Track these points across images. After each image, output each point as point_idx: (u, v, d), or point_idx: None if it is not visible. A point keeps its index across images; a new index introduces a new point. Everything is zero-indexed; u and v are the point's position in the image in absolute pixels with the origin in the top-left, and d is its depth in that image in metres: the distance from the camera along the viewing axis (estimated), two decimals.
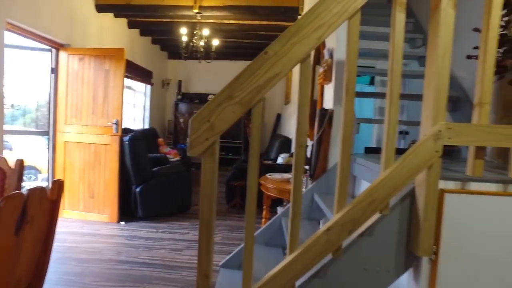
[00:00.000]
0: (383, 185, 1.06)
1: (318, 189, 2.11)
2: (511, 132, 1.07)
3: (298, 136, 1.05)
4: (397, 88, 1.07)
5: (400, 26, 1.08)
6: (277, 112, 7.65)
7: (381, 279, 1.20)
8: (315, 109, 2.39)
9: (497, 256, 1.15)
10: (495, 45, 1.07)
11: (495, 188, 1.15)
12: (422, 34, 2.85)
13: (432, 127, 1.07)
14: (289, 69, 1.04)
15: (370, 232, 1.16)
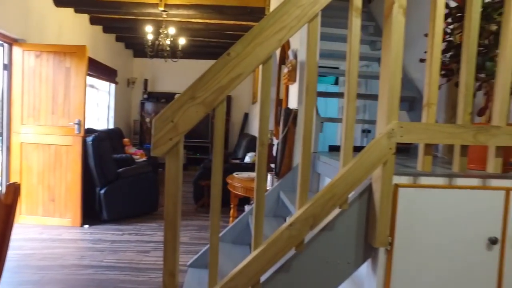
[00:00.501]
0: (342, 181, 1.12)
1: (284, 186, 2.16)
2: (454, 130, 1.16)
3: (260, 135, 1.08)
4: (354, 89, 1.13)
5: (356, 30, 1.14)
6: (244, 111, 7.68)
7: (342, 271, 1.26)
8: (281, 109, 2.44)
9: (445, 244, 1.24)
10: (440, 50, 1.16)
11: (442, 181, 1.25)
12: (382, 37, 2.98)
13: (386, 126, 1.14)
14: (251, 70, 1.07)
15: (331, 226, 1.22)
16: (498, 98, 1.23)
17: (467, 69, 1.20)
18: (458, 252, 1.25)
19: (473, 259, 1.25)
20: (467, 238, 1.25)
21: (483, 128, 1.18)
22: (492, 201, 1.25)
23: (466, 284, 1.26)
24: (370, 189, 1.22)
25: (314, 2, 1.10)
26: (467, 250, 1.25)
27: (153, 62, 7.54)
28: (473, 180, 1.27)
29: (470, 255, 1.26)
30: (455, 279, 1.26)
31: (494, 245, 1.26)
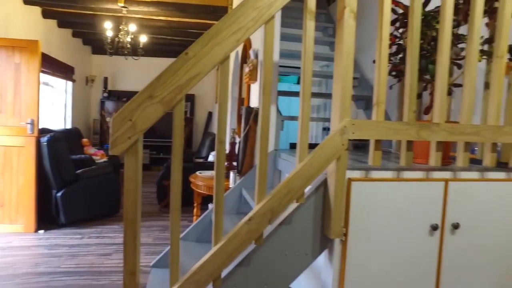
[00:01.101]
0: (298, 176, 1.17)
1: (246, 184, 2.20)
2: (400, 127, 1.26)
3: (218, 133, 1.11)
4: (309, 88, 1.19)
5: (310, 32, 1.20)
6: (208, 110, 7.65)
7: (300, 262, 1.32)
8: (243, 107, 2.48)
9: (393, 232, 1.34)
10: (387, 53, 1.25)
11: (391, 175, 1.35)
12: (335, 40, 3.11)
13: (339, 123, 1.21)
14: (209, 69, 1.10)
15: (289, 220, 1.27)
16: (437, 98, 1.34)
17: (411, 71, 1.30)
18: (405, 238, 1.36)
19: (417, 244, 1.37)
20: (412, 226, 1.36)
21: (425, 125, 1.29)
22: (433, 191, 1.37)
23: (412, 266, 1.37)
24: (325, 183, 1.29)
25: (270, 5, 1.14)
26: (412, 237, 1.36)
27: (113, 59, 7.30)
28: (417, 173, 1.38)
29: (415, 241, 1.36)
30: (403, 263, 1.36)
31: (435, 231, 1.38)
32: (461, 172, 1.43)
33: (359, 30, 2.86)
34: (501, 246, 1.48)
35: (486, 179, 1.44)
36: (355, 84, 2.95)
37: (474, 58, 1.37)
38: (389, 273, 1.36)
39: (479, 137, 1.35)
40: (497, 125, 1.39)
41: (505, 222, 1.48)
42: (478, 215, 1.43)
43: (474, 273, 1.46)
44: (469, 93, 1.37)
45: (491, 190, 1.44)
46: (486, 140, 1.36)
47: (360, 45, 2.93)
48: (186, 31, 5.86)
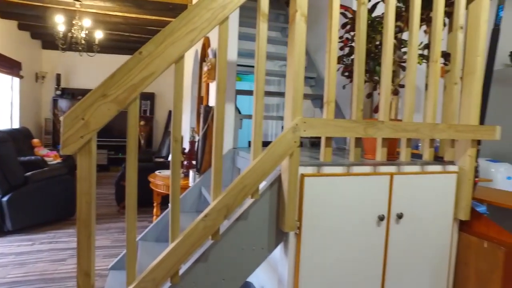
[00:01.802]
0: (252, 172, 1.22)
1: (205, 182, 2.21)
2: (349, 124, 1.34)
3: (174, 132, 1.12)
4: (262, 87, 1.23)
5: (263, 34, 1.24)
6: (169, 109, 7.52)
7: (257, 256, 1.36)
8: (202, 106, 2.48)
9: (344, 224, 1.43)
10: (336, 55, 1.33)
11: (341, 170, 1.43)
12: None
13: (291, 121, 1.27)
14: (164, 69, 1.11)
15: (245, 215, 1.31)
16: (382, 97, 1.45)
17: (358, 72, 1.39)
18: (355, 229, 1.45)
19: (367, 234, 1.47)
20: (362, 217, 1.45)
21: (371, 123, 1.39)
22: (380, 185, 1.47)
23: (362, 255, 1.47)
24: (279, 179, 1.35)
25: (224, 7, 1.17)
26: (362, 227, 1.46)
27: (66, 55, 6.95)
28: (365, 168, 1.48)
29: (365, 231, 1.46)
30: (353, 252, 1.45)
31: (382, 221, 1.49)
32: (404, 166, 1.56)
33: (316, 31, 2.97)
34: (438, 232, 1.63)
35: (425, 172, 1.57)
36: (312, 83, 3.06)
37: (414, 62, 1.49)
38: (341, 262, 1.44)
39: (419, 134, 1.47)
40: (434, 122, 1.52)
41: (442, 210, 1.63)
42: (419, 205, 1.57)
43: (416, 257, 1.59)
44: (409, 93, 1.49)
45: (429, 182, 1.58)
46: (424, 136, 1.49)
47: (317, 45, 3.05)
48: (145, 28, 5.72)
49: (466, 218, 1.66)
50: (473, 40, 1.62)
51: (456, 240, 1.70)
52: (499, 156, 3.40)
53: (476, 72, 1.60)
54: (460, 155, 1.67)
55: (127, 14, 5.02)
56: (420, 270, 1.61)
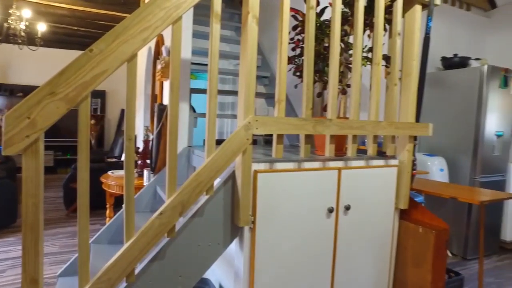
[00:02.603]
0: (207, 169, 1.25)
1: (160, 181, 2.19)
2: (299, 122, 1.42)
3: (127, 130, 1.12)
4: (215, 87, 1.27)
5: (216, 35, 1.27)
6: (121, 107, 7.25)
7: (213, 252, 1.39)
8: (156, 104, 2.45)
9: (296, 217, 1.50)
10: (286, 56, 1.39)
11: (292, 166, 1.51)
12: None
13: (244, 120, 1.31)
14: (116, 67, 1.10)
15: (201, 212, 1.34)
16: (329, 97, 1.54)
17: (307, 72, 1.47)
18: (307, 222, 1.53)
19: (317, 226, 1.56)
20: (313, 210, 1.54)
21: (320, 121, 1.47)
22: (329, 179, 1.57)
23: (314, 246, 1.56)
24: (233, 176, 1.39)
25: (178, 6, 1.19)
26: (313, 220, 1.55)
27: (3, 48, 6.42)
28: (315, 163, 1.57)
29: (316, 223, 1.55)
30: (305, 244, 1.54)
31: (331, 213, 1.59)
32: (351, 161, 1.67)
33: (270, 32, 3.05)
34: (381, 220, 1.77)
35: (370, 166, 1.70)
36: (266, 82, 3.14)
37: (359, 64, 1.60)
38: (294, 254, 1.52)
39: (363, 131, 1.59)
40: (377, 120, 1.65)
41: (384, 200, 1.77)
42: (364, 196, 1.69)
43: (362, 244, 1.72)
44: (355, 93, 1.60)
45: (373, 175, 1.71)
46: (368, 133, 1.61)
47: (271, 46, 3.12)
48: (94, 22, 5.46)
49: (405, 207, 1.82)
50: (409, 45, 1.77)
51: (397, 227, 1.86)
52: (434, 150, 3.73)
53: (412, 74, 1.76)
54: (400, 150, 1.83)
55: (73, 6, 4.76)
56: (366, 255, 1.74)
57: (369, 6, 1.76)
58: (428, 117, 3.78)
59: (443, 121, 3.66)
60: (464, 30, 4.31)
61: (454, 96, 3.58)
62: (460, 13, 4.27)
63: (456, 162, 3.52)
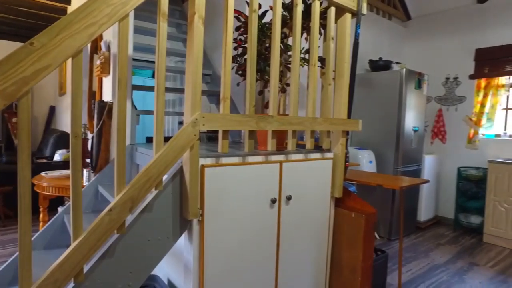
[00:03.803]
0: (156, 164, 1.28)
1: (102, 181, 2.13)
2: (243, 119, 1.51)
3: (73, 127, 1.10)
4: (163, 84, 1.30)
5: (163, 33, 1.30)
6: (49, 104, 6.70)
7: (163, 246, 1.42)
8: (94, 101, 2.36)
9: (242, 208, 1.59)
10: (230, 55, 1.47)
11: (237, 160, 1.59)
12: None
13: (191, 116, 1.36)
14: (61, 62, 1.07)
15: (150, 207, 1.36)
16: (271, 95, 1.65)
17: (250, 71, 1.56)
18: (252, 212, 1.63)
19: (262, 216, 1.66)
20: (257, 201, 1.64)
21: (262, 117, 1.58)
22: (271, 172, 1.68)
23: (259, 234, 1.66)
24: (181, 170, 1.43)
25: (125, 3, 1.19)
26: (257, 210, 1.65)
27: None
28: (259, 157, 1.67)
29: (260, 213, 1.66)
30: (251, 233, 1.63)
31: (274, 203, 1.70)
32: (291, 154, 1.80)
33: (212, 30, 3.09)
34: (319, 208, 1.94)
35: (308, 159, 1.85)
36: (207, 80, 3.18)
37: (297, 64, 1.74)
38: (242, 243, 1.61)
39: (302, 126, 1.73)
40: (314, 117, 1.81)
41: (321, 190, 1.94)
42: (304, 187, 1.84)
43: (303, 230, 1.87)
44: (294, 91, 1.74)
45: (311, 167, 1.87)
46: (306, 128, 1.76)
47: (213, 44, 3.17)
48: (27, 11, 4.96)
49: (340, 195, 2.01)
50: (341, 49, 1.96)
51: (333, 214, 2.05)
52: (363, 144, 4.10)
53: (344, 75, 1.95)
54: (334, 144, 2.01)
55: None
56: (306, 240, 1.89)
57: (306, 11, 1.91)
58: (358, 114, 4.14)
59: (371, 117, 4.03)
60: (388, 37, 4.79)
61: (379, 95, 3.97)
62: (384, 22, 4.73)
63: (382, 154, 3.92)
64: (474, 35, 4.41)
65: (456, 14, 4.58)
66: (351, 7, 1.93)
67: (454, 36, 4.60)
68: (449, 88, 4.64)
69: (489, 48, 4.27)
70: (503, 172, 3.76)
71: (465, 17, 4.50)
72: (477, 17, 4.40)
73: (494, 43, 4.24)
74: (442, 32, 4.72)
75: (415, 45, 5.02)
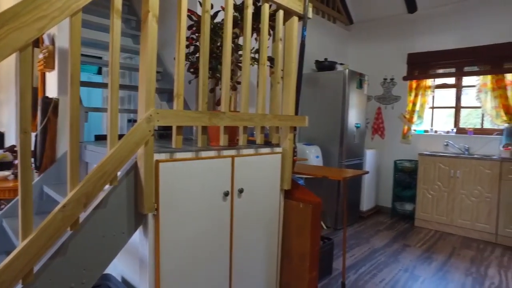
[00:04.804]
0: (110, 160, 1.28)
1: (48, 180, 2.05)
2: (196, 115, 1.56)
3: (22, 122, 1.08)
4: (116, 81, 1.31)
5: (117, 30, 1.31)
6: None
7: (118, 242, 1.43)
8: (36, 97, 2.25)
9: (197, 201, 1.64)
10: (184, 53, 1.51)
11: (191, 155, 1.64)
12: None
13: (145, 112, 1.39)
14: (7, 55, 1.04)
15: (105, 203, 1.36)
16: (223, 92, 1.72)
17: (203, 70, 1.62)
18: (206, 205, 1.69)
19: (216, 208, 1.73)
20: (210, 195, 1.70)
21: (215, 114, 1.64)
22: (224, 166, 1.76)
23: (213, 227, 1.72)
24: (136, 166, 1.45)
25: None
26: (211, 203, 1.71)
27: None
28: (212, 152, 1.73)
29: (214, 206, 1.72)
30: (206, 225, 1.69)
31: (227, 197, 1.78)
32: (243, 149, 1.89)
33: (163, 29, 3.07)
34: (270, 200, 2.05)
35: (259, 154, 1.95)
36: (158, 78, 3.15)
37: (247, 63, 1.82)
38: (197, 236, 1.66)
39: (252, 122, 1.83)
40: (264, 113, 1.91)
41: (271, 183, 2.05)
42: (255, 180, 1.94)
43: (255, 221, 1.97)
44: (244, 89, 1.82)
45: (262, 161, 1.97)
46: (256, 124, 1.86)
47: (164, 41, 3.14)
48: None
49: (288, 187, 2.14)
50: (289, 50, 2.09)
51: (283, 205, 2.17)
52: (311, 140, 4.33)
53: (292, 74, 2.08)
54: (283, 139, 2.14)
55: None
56: (258, 231, 2.00)
57: (256, 13, 2.00)
58: (306, 112, 4.36)
59: (317, 115, 4.27)
60: (333, 39, 5.08)
61: (325, 94, 4.21)
62: (329, 25, 5.01)
63: (328, 149, 4.17)
64: (406, 41, 4.86)
65: (391, 21, 5.00)
66: (298, 11, 2.06)
67: (390, 41, 5.02)
68: (386, 88, 5.06)
69: (418, 53, 4.73)
70: (430, 163, 4.21)
71: (398, 24, 4.93)
72: (408, 25, 4.84)
73: (422, 49, 4.70)
74: (380, 37, 5.12)
75: (357, 47, 5.38)
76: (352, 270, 2.98)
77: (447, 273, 3.00)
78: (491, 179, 3.81)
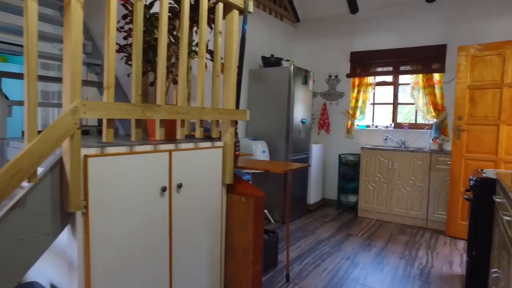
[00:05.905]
0: (28, 155, 1.18)
1: None
2: (129, 107, 1.50)
3: None
4: (34, 69, 1.21)
5: (32, 14, 1.20)
6: None
7: (41, 243, 1.32)
8: None
9: (131, 198, 1.58)
10: (114, 44, 1.44)
11: (125, 150, 1.57)
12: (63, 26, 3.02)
13: (70, 104, 1.30)
14: None
15: (23, 202, 1.25)
16: (158, 84, 1.67)
17: (136, 62, 1.55)
18: (142, 202, 1.63)
19: (152, 204, 1.67)
20: (146, 191, 1.65)
21: (149, 106, 1.59)
22: (160, 161, 1.71)
23: (150, 224, 1.67)
24: (61, 161, 1.35)
25: None
26: (148, 199, 1.65)
27: None
28: (147, 147, 1.67)
29: (150, 202, 1.67)
30: (142, 223, 1.63)
31: (164, 192, 1.73)
32: (182, 144, 1.85)
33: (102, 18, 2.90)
34: (211, 195, 2.04)
35: (198, 148, 1.93)
36: (98, 70, 2.99)
37: (184, 56, 1.78)
38: (132, 235, 1.59)
39: (190, 116, 1.79)
40: (202, 106, 1.88)
41: (213, 177, 2.04)
42: (195, 175, 1.91)
43: (196, 217, 1.94)
44: (182, 82, 1.78)
45: (202, 156, 1.95)
46: (195, 118, 1.83)
47: (103, 32, 2.97)
48: None
49: (230, 182, 2.14)
50: (229, 43, 2.08)
51: (225, 200, 2.17)
52: (257, 135, 4.37)
53: (232, 68, 2.07)
54: (224, 133, 2.13)
55: None
56: (200, 227, 1.97)
57: (196, 5, 1.96)
58: (253, 107, 4.39)
59: (264, 110, 4.32)
60: (280, 36, 5.16)
61: (272, 89, 4.27)
62: (276, 22, 5.08)
63: (274, 144, 4.24)
64: (349, 40, 5.08)
65: (335, 20, 5.20)
66: (238, 5, 2.06)
67: (334, 39, 5.21)
68: (331, 84, 5.25)
69: (360, 52, 4.97)
70: (371, 156, 4.46)
71: (341, 24, 5.14)
72: (350, 25, 5.07)
73: (363, 48, 4.95)
74: (325, 35, 5.30)
75: (304, 45, 5.52)
76: (297, 261, 3.07)
77: (384, 258, 3.20)
78: (423, 169, 4.13)
